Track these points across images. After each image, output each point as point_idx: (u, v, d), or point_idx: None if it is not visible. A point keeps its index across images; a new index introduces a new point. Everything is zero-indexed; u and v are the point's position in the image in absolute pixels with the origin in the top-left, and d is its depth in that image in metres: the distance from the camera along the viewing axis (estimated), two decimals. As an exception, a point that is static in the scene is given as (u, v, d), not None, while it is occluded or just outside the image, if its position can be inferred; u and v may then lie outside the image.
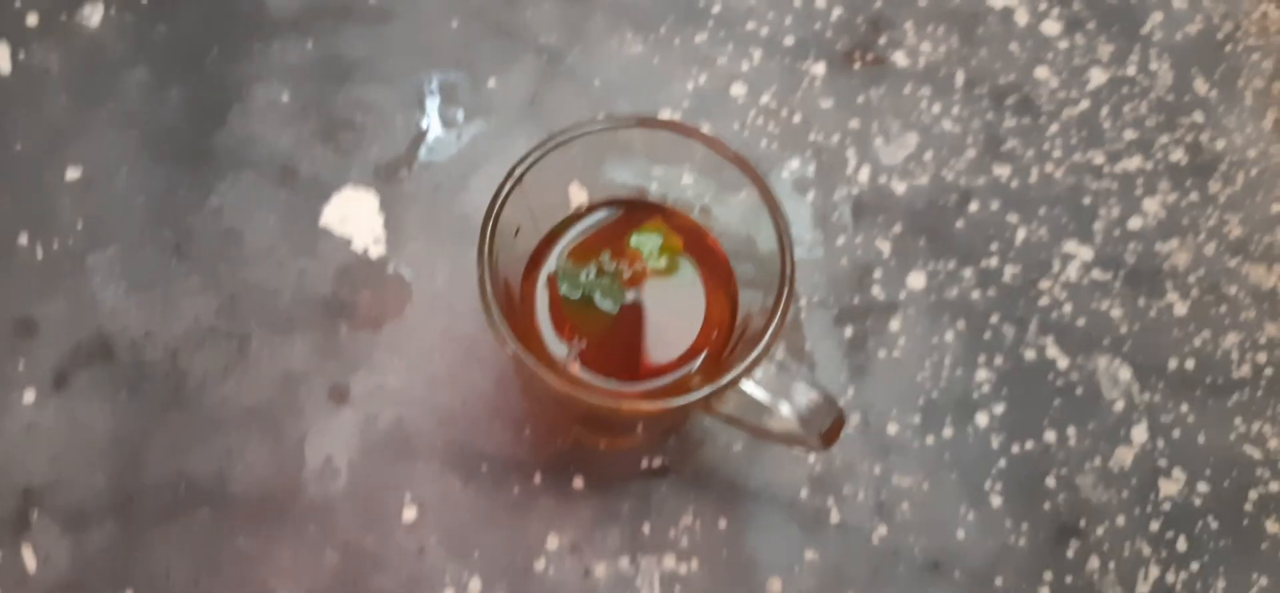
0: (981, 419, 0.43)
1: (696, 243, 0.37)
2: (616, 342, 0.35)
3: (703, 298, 0.36)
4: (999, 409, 0.43)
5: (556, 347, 0.35)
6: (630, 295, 0.36)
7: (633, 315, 0.35)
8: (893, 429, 0.42)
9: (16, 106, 0.45)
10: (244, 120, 0.45)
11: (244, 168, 0.44)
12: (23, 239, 0.43)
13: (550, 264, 0.36)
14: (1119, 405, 0.43)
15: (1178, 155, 0.46)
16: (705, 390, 0.31)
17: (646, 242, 0.36)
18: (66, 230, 0.43)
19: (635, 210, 0.37)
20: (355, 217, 0.44)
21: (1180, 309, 0.44)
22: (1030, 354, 0.43)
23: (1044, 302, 0.44)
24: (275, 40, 0.46)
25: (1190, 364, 0.43)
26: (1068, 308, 0.44)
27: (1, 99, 0.45)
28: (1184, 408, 0.43)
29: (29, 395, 0.41)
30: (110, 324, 0.42)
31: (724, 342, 0.35)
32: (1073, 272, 0.45)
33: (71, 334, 0.42)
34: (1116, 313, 0.44)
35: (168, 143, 0.45)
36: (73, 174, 0.44)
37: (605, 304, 0.35)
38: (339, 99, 0.46)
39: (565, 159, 0.34)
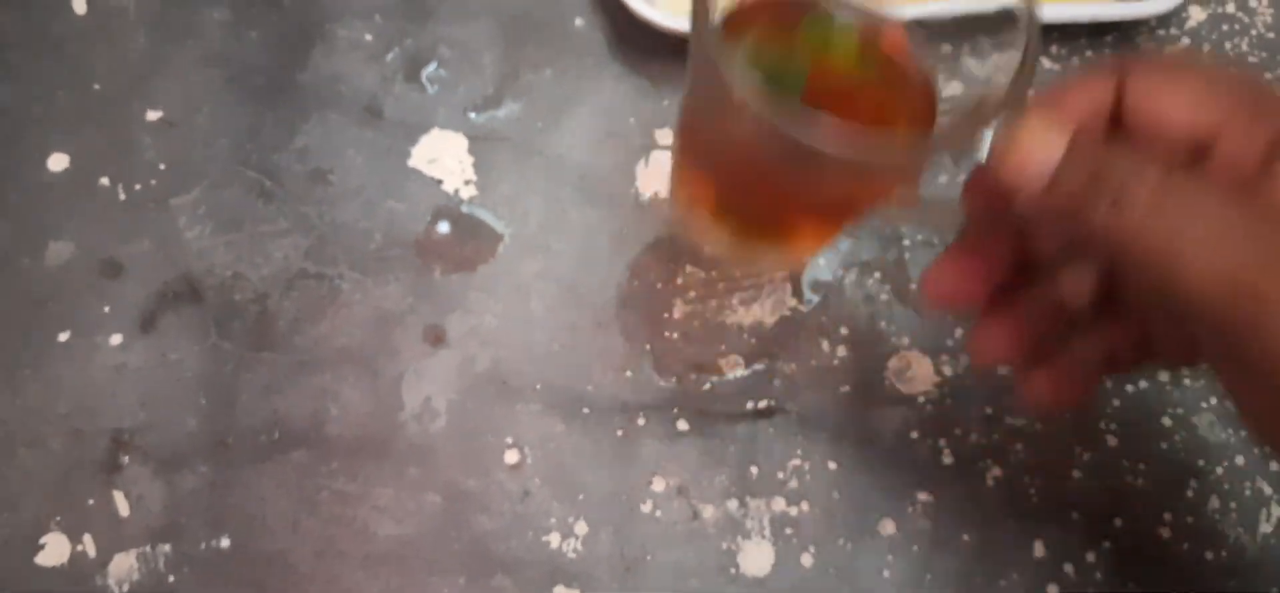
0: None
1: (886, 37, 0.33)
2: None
3: (903, 91, 0.33)
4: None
5: None
6: (814, 82, 0.31)
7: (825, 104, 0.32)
8: (1004, 369, 0.41)
9: (94, 46, 0.43)
10: (327, 59, 0.44)
11: (328, 108, 0.43)
12: (104, 181, 0.42)
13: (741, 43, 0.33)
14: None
15: (1281, 92, 0.45)
16: (953, 130, 0.28)
17: (835, 41, 0.33)
18: (149, 172, 0.42)
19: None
20: (444, 158, 0.43)
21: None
22: (1140, 293, 0.42)
23: None
24: (356, -22, 0.45)
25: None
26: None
27: (78, 40, 0.43)
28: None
29: (116, 338, 0.40)
30: (197, 266, 0.41)
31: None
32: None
33: (157, 276, 0.40)
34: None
35: (250, 82, 0.43)
36: (153, 115, 0.43)
37: (786, 87, 0.31)
38: (424, 37, 0.44)
39: None
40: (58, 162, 0.42)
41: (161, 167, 0.42)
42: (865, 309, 0.42)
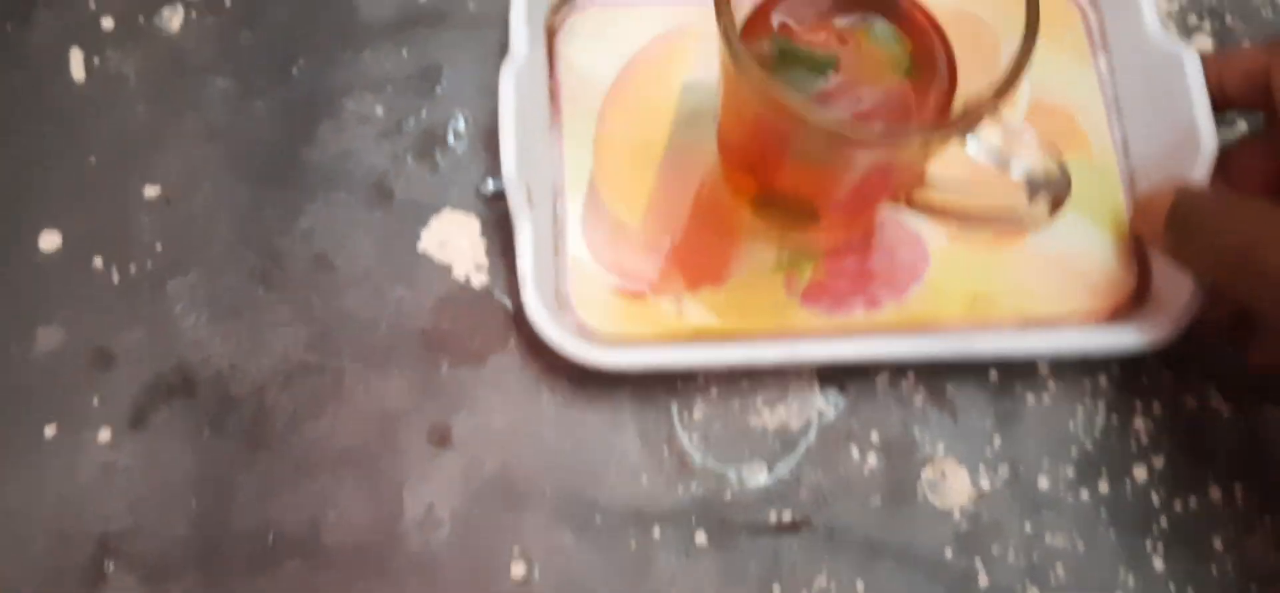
0: (1140, 473, 0.39)
1: (920, 27, 0.34)
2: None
3: (923, 85, 0.34)
4: (1159, 462, 0.39)
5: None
6: (839, 74, 0.34)
7: (845, 94, 0.33)
8: (1044, 484, 0.38)
9: (91, 117, 0.41)
10: (335, 135, 0.42)
11: (335, 187, 0.41)
12: (98, 261, 0.40)
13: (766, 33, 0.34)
14: (1292, 453, 0.39)
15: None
16: (938, 128, 0.29)
17: (881, 43, 0.34)
18: (145, 253, 0.40)
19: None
20: (455, 241, 0.41)
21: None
22: (1191, 402, 0.40)
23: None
24: (367, 48, 0.43)
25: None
26: (1229, 351, 0.40)
27: (75, 109, 0.42)
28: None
29: (104, 434, 0.38)
30: (192, 356, 0.39)
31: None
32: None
33: (150, 367, 0.38)
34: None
35: (253, 159, 0.41)
36: (151, 191, 0.41)
37: (813, 79, 0.33)
38: (436, 114, 0.42)
39: None
40: (50, 240, 0.40)
41: (158, 247, 0.40)
42: (898, 414, 0.39)
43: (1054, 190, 0.30)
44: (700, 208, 0.40)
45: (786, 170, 0.36)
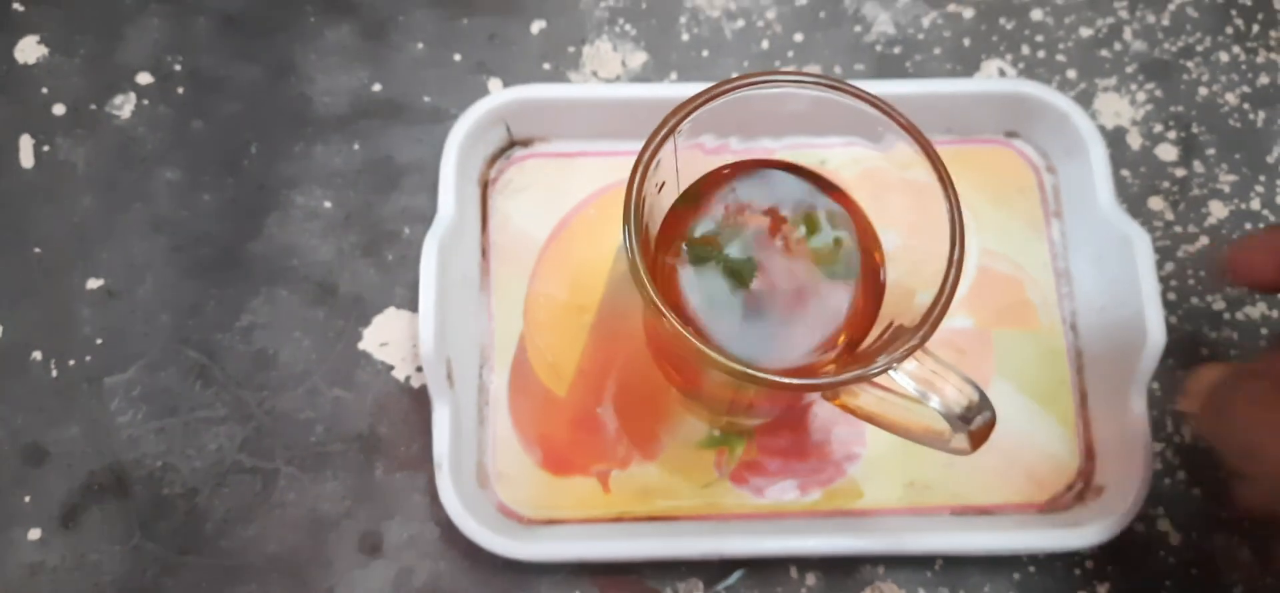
0: (1084, 601, 0.38)
1: (850, 221, 0.33)
2: (746, 320, 0.32)
3: (848, 288, 0.33)
4: (1103, 589, 0.38)
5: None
6: (764, 277, 0.32)
7: (767, 297, 0.32)
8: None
9: (38, 205, 0.41)
10: (282, 228, 0.41)
11: (279, 283, 0.41)
12: (36, 355, 0.39)
13: (689, 229, 0.33)
14: (1238, 591, 0.38)
15: (1307, 304, 0.42)
16: (853, 374, 0.28)
17: (821, 234, 0.33)
18: (84, 347, 0.40)
19: (786, 174, 0.34)
20: (397, 341, 0.40)
21: (1309, 482, 0.39)
22: (1139, 527, 0.39)
23: (1155, 467, 0.39)
24: (320, 141, 0.43)
25: (1320, 545, 0.39)
26: (1181, 476, 0.39)
27: (22, 197, 0.41)
28: (1312, 595, 0.38)
29: (35, 533, 0.37)
30: (126, 455, 0.38)
31: (862, 333, 0.32)
32: (1187, 433, 0.40)
33: (84, 465, 0.38)
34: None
35: (198, 252, 0.41)
36: (94, 283, 0.40)
37: (734, 283, 0.32)
38: (386, 209, 0.42)
39: (721, 113, 0.31)
40: (-10, 331, 0.40)
41: (98, 342, 0.40)
42: None
43: (976, 423, 0.30)
44: (631, 378, 0.39)
45: (705, 380, 0.35)
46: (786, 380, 0.29)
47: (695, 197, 0.34)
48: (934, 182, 0.30)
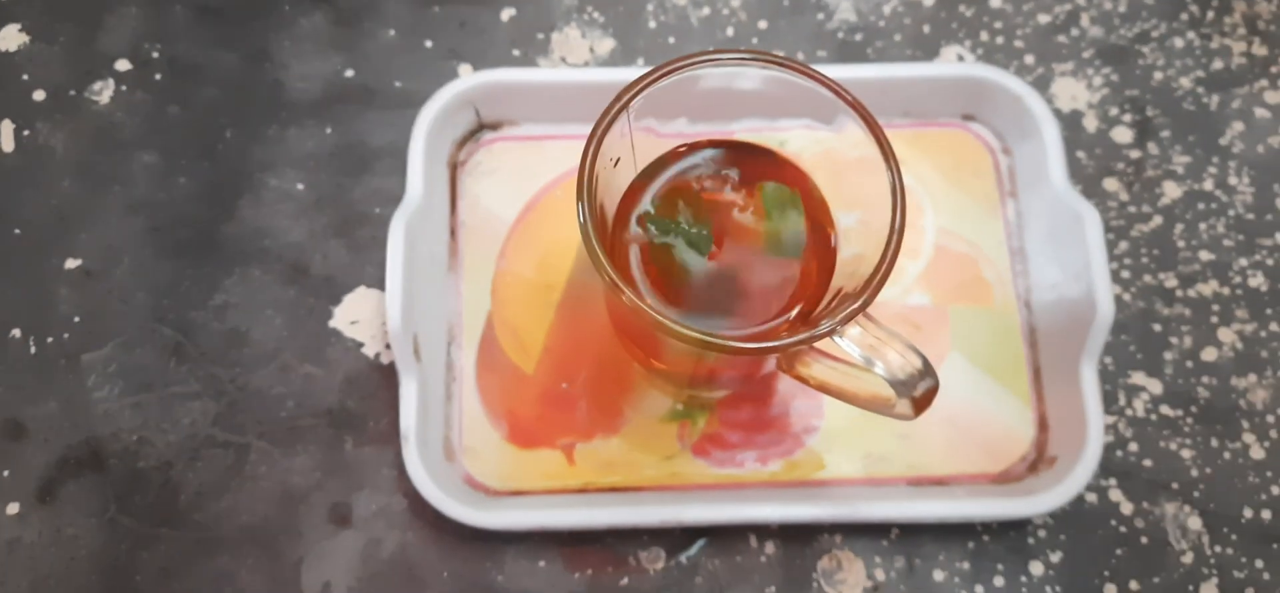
0: (1036, 568, 0.39)
1: (804, 198, 0.35)
2: (703, 292, 0.33)
3: (800, 260, 0.34)
4: (1056, 557, 0.39)
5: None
6: (719, 250, 0.34)
7: (722, 269, 0.34)
8: (939, 576, 0.39)
9: (18, 188, 0.42)
10: (255, 210, 0.42)
11: (252, 263, 0.42)
12: (15, 333, 0.41)
13: (644, 204, 0.34)
14: (1187, 558, 0.39)
15: (1258, 281, 0.43)
16: (799, 337, 0.29)
17: (774, 209, 0.34)
18: (62, 325, 0.41)
19: (740, 152, 0.35)
20: (367, 319, 0.41)
21: (1257, 453, 0.40)
22: (1091, 497, 0.40)
23: (1108, 439, 0.40)
24: (293, 125, 0.44)
25: (1267, 514, 0.40)
26: (1133, 447, 0.40)
27: (3, 180, 0.43)
28: (1259, 564, 0.39)
29: (13, 507, 0.39)
30: (102, 429, 0.39)
31: (814, 303, 0.33)
32: (1139, 406, 0.41)
33: (61, 440, 0.39)
34: (1187, 455, 0.40)
35: (174, 233, 0.42)
36: (72, 263, 0.42)
37: (691, 256, 0.34)
38: (357, 191, 0.43)
39: (675, 92, 0.32)
40: (-30, 311, 0.41)
41: (76, 320, 0.41)
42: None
43: (919, 390, 0.31)
44: (597, 354, 0.40)
45: (665, 352, 0.36)
46: (737, 344, 0.30)
47: (651, 174, 0.35)
48: (879, 155, 0.31)
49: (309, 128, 0.44)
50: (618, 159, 0.33)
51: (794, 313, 0.34)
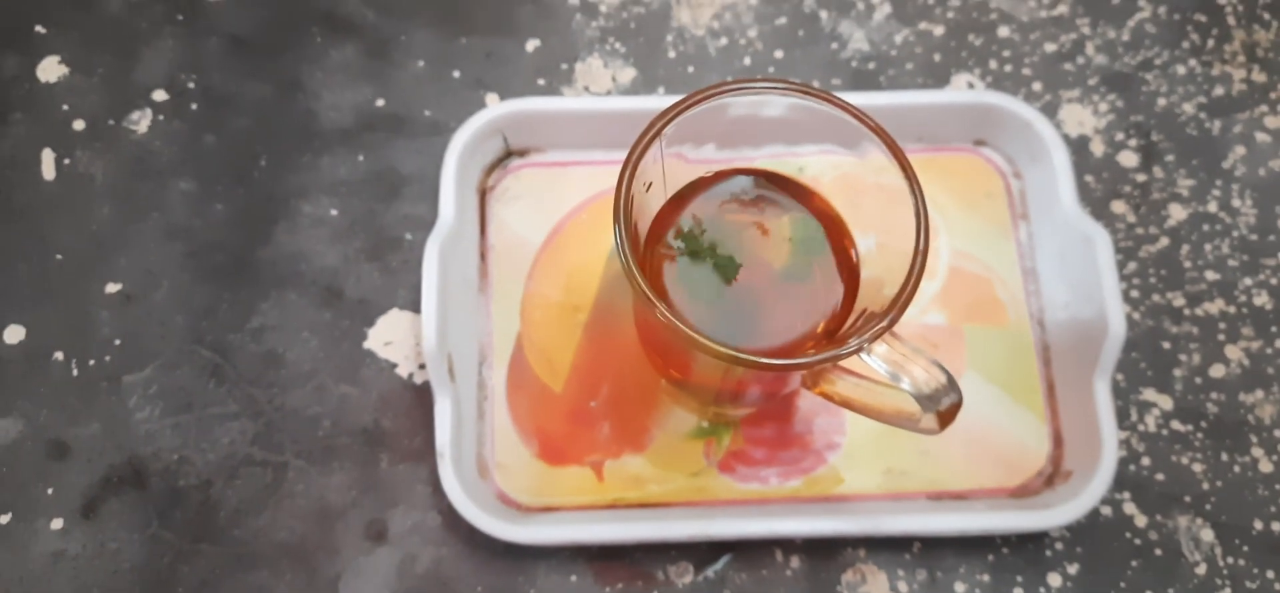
0: (1054, 580, 0.40)
1: (827, 222, 0.36)
2: (730, 312, 0.35)
3: (825, 282, 0.35)
4: (1073, 569, 0.40)
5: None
6: (747, 272, 0.35)
7: (749, 290, 0.35)
8: (960, 588, 0.40)
9: (59, 214, 0.44)
10: (290, 236, 0.44)
11: (288, 287, 0.43)
12: (58, 355, 0.42)
13: (675, 227, 0.36)
14: (1201, 569, 0.40)
15: (1262, 299, 0.44)
16: (828, 354, 0.30)
17: (799, 233, 0.36)
18: (103, 348, 0.42)
19: (767, 179, 0.36)
20: (400, 341, 0.42)
21: (1266, 466, 0.42)
22: (1106, 510, 0.41)
23: (1121, 454, 0.41)
24: (326, 153, 0.45)
25: (1277, 526, 0.41)
26: (1146, 462, 0.42)
27: (44, 207, 0.44)
28: (1270, 574, 0.40)
29: (57, 523, 0.39)
30: (143, 449, 0.40)
31: (838, 324, 0.34)
32: (1151, 422, 0.42)
33: (104, 459, 0.40)
34: (1198, 468, 0.42)
35: (211, 258, 0.43)
36: (112, 288, 0.43)
37: (719, 278, 0.35)
38: (389, 216, 0.44)
39: (705, 119, 0.33)
40: (14, 334, 0.42)
41: (117, 342, 0.42)
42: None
43: (944, 404, 0.32)
44: (623, 373, 0.42)
45: (693, 367, 0.38)
46: (768, 361, 0.31)
47: (682, 198, 0.36)
48: (901, 180, 0.32)
49: (341, 155, 0.45)
50: (650, 183, 0.34)
51: (819, 332, 0.35)
